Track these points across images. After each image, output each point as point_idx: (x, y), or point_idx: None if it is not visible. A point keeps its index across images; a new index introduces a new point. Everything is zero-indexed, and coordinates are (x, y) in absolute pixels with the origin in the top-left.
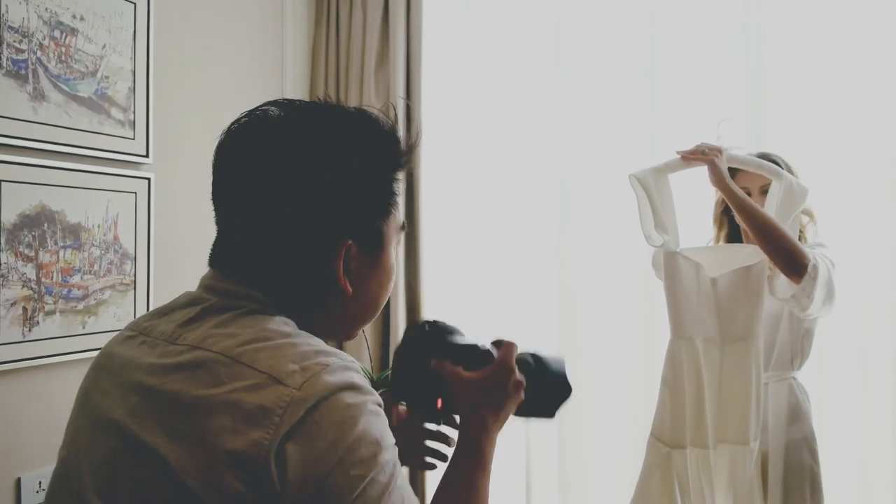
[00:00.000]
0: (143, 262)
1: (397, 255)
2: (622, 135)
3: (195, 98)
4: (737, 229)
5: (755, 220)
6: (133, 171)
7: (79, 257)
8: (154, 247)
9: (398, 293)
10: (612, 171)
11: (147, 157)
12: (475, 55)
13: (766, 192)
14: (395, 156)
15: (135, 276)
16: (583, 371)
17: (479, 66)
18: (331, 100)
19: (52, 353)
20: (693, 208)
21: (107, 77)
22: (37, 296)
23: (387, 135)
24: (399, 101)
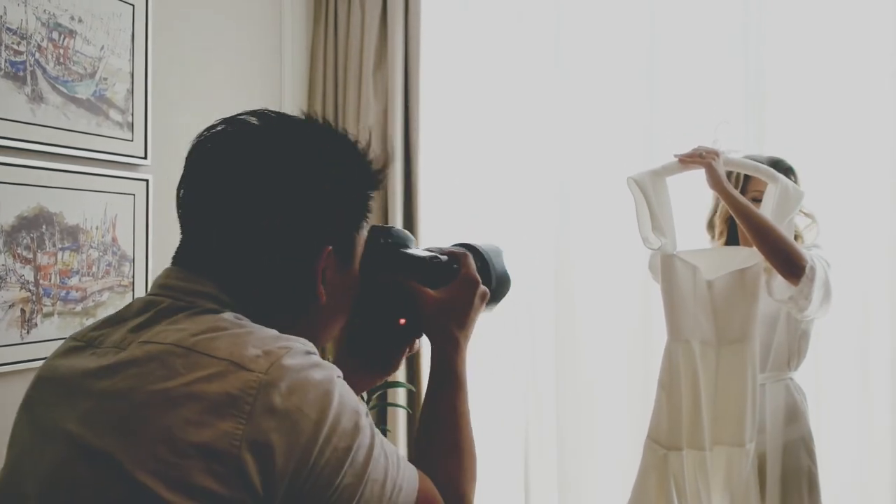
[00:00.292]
0: (141, 264)
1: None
2: (621, 137)
3: (194, 99)
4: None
5: (753, 222)
6: (131, 173)
7: (77, 259)
8: (152, 248)
9: None
10: (611, 173)
11: (145, 158)
12: (474, 55)
13: None
14: (371, 172)
15: (133, 277)
16: (581, 372)
17: (477, 67)
18: (308, 114)
19: None
20: (690, 211)
21: (105, 79)
22: (35, 298)
23: (363, 153)
24: (375, 126)
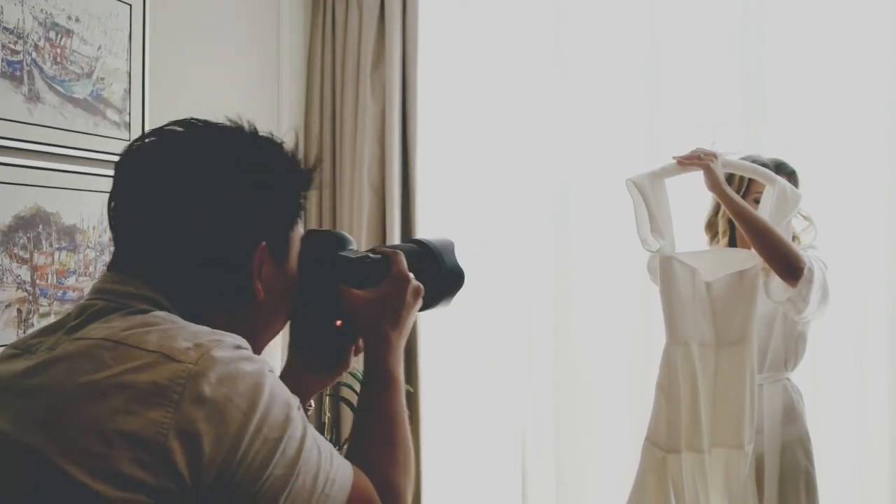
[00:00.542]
0: None
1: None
2: (620, 138)
3: (191, 99)
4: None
5: (751, 224)
6: None
7: (74, 259)
8: None
9: None
10: (610, 175)
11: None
12: (472, 55)
13: None
14: (298, 173)
15: None
16: (579, 374)
17: (476, 67)
18: (235, 120)
19: None
20: (688, 213)
21: (102, 78)
22: (31, 298)
23: (290, 155)
24: (300, 129)
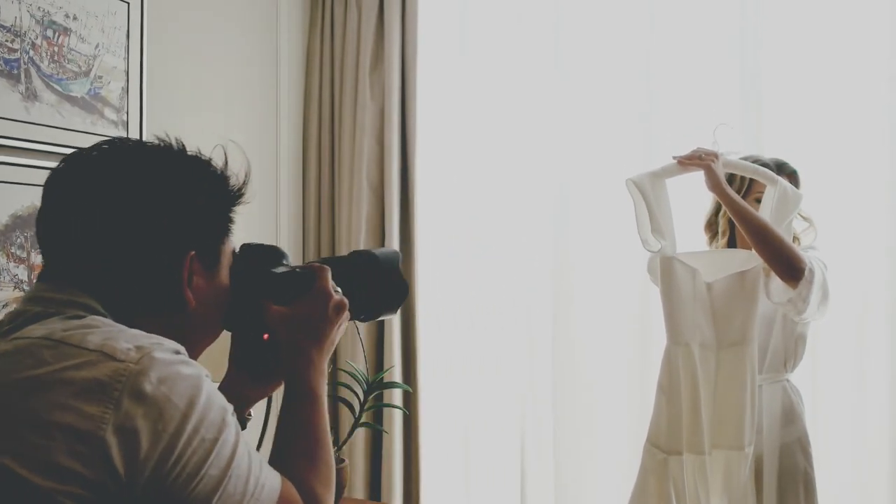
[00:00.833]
0: None
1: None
2: (619, 139)
3: (189, 99)
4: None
5: (751, 224)
6: None
7: None
8: None
9: None
10: (609, 175)
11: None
12: (472, 56)
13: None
14: (225, 189)
15: None
16: (578, 375)
17: (475, 67)
18: (163, 139)
19: None
20: (689, 213)
21: (100, 77)
22: None
23: (216, 172)
24: (228, 143)
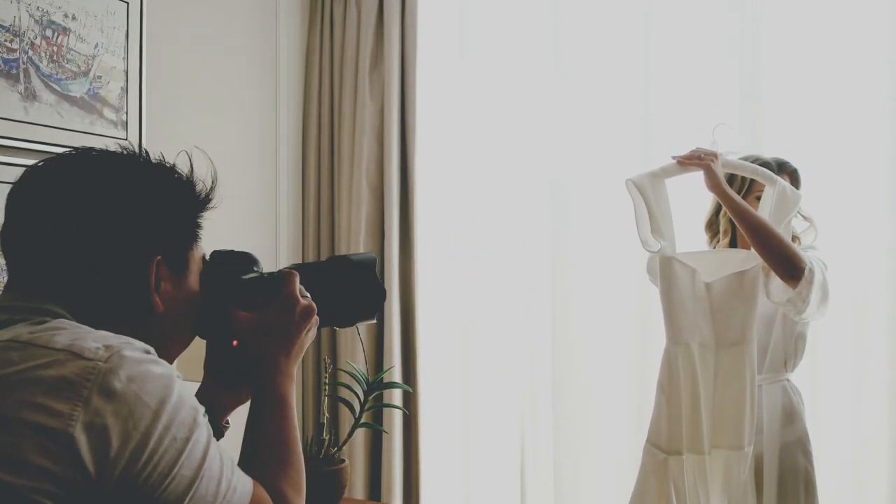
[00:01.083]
0: None
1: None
2: (618, 139)
3: (189, 98)
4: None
5: (752, 224)
6: None
7: None
8: None
9: (393, 295)
10: (608, 176)
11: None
12: (471, 54)
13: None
14: (190, 196)
15: None
16: (578, 375)
17: (474, 66)
18: (127, 147)
19: None
20: (688, 214)
21: (99, 77)
22: None
23: (181, 180)
24: (193, 150)
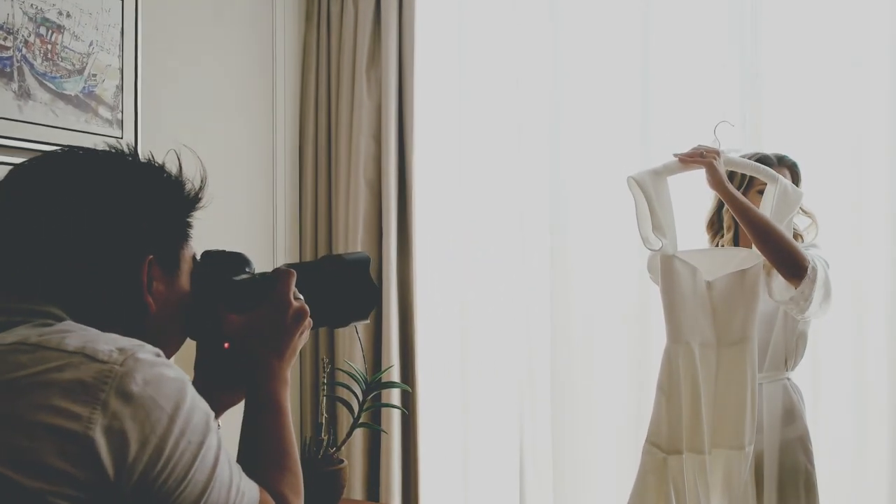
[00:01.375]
0: None
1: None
2: (617, 137)
3: (185, 96)
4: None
5: (754, 222)
6: None
7: None
8: None
9: (391, 294)
10: (607, 174)
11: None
12: (469, 53)
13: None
14: (179, 195)
15: None
16: (577, 376)
17: (472, 63)
18: (115, 147)
19: None
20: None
21: (94, 75)
22: None
23: (170, 179)
24: (182, 148)
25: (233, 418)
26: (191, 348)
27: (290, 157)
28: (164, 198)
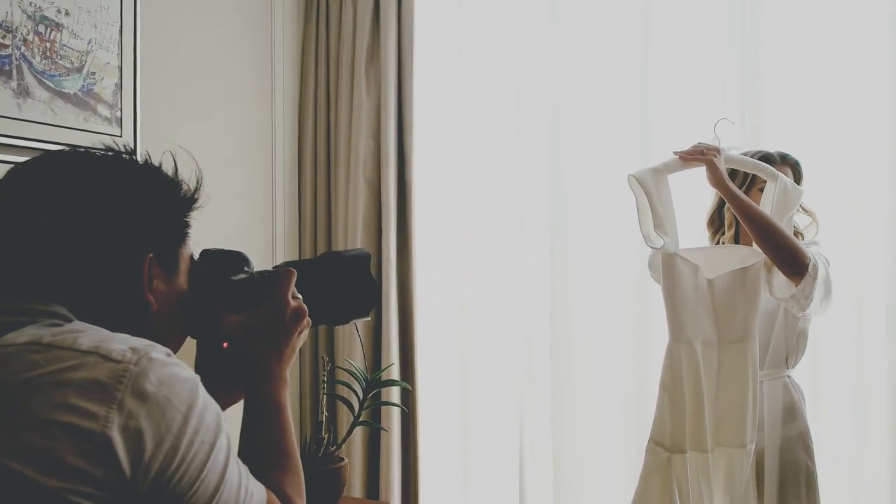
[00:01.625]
0: None
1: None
2: (617, 136)
3: (183, 94)
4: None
5: (755, 220)
6: None
7: None
8: None
9: (390, 292)
10: (607, 172)
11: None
12: (468, 51)
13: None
14: (176, 196)
15: None
16: (577, 374)
17: (472, 60)
18: (111, 148)
19: None
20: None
21: (93, 73)
22: None
23: (166, 180)
24: (178, 150)
25: (232, 418)
26: (191, 348)
27: (289, 156)
28: (163, 197)
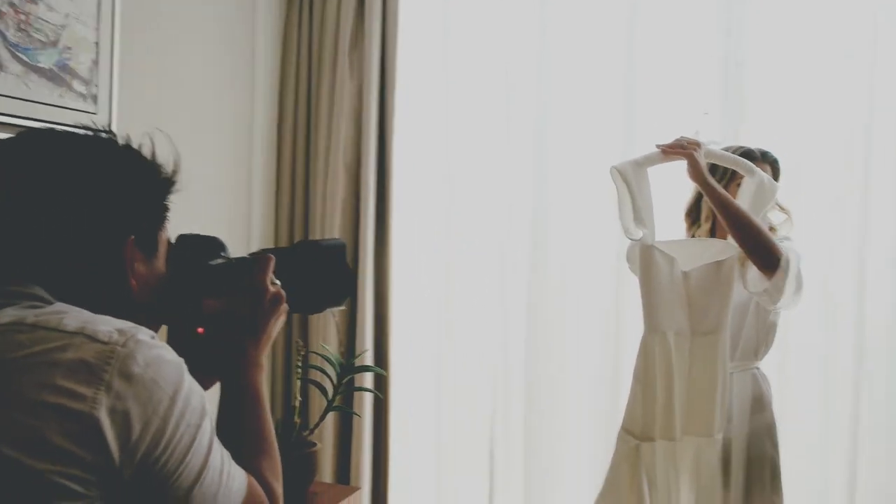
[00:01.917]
0: None
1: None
2: (600, 127)
3: (162, 72)
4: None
5: (732, 214)
6: None
7: None
8: None
9: (366, 281)
10: (589, 164)
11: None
12: (453, 35)
13: None
14: (156, 178)
15: None
16: (551, 363)
17: (456, 46)
18: (92, 128)
19: None
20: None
21: (69, 48)
22: None
23: (148, 162)
24: (156, 132)
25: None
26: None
27: (267, 139)
28: (143, 179)
